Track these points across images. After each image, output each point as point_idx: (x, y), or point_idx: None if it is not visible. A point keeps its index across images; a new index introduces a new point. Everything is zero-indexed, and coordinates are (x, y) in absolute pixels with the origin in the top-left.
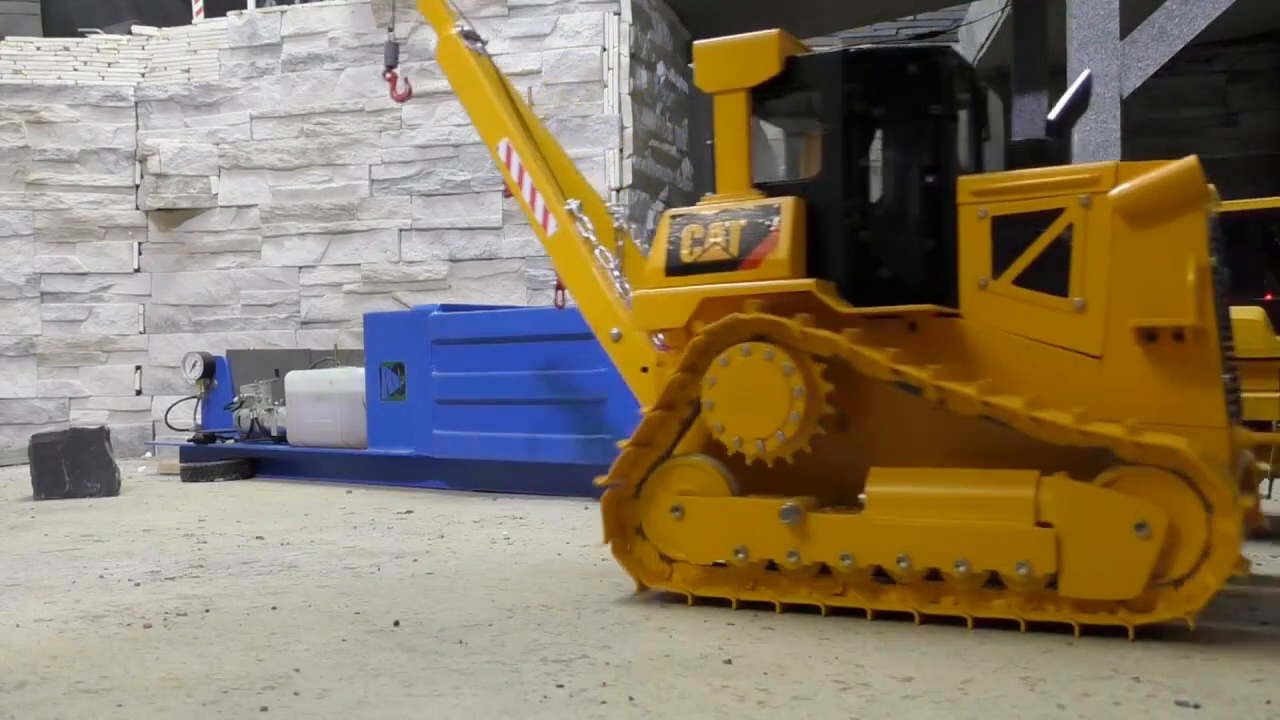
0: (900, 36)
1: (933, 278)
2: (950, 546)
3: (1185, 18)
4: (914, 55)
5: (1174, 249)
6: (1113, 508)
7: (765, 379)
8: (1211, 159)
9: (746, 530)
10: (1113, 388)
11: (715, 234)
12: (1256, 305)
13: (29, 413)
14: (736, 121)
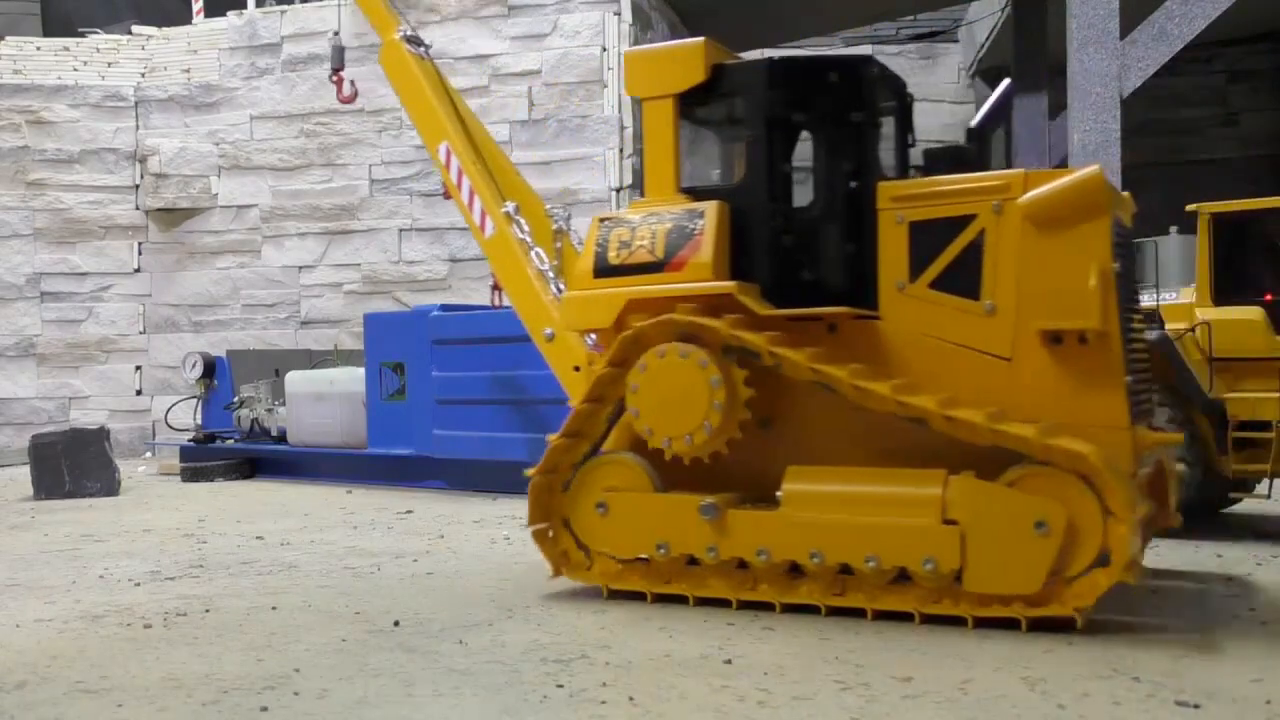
0: (900, 36)
1: (852, 281)
2: (861, 543)
3: (1185, 18)
4: (835, 64)
5: (1078, 254)
6: (1014, 506)
7: (686, 378)
8: (1211, 159)
9: (668, 526)
10: (1021, 389)
11: (642, 237)
12: (1256, 305)
13: (29, 413)
14: (664, 127)
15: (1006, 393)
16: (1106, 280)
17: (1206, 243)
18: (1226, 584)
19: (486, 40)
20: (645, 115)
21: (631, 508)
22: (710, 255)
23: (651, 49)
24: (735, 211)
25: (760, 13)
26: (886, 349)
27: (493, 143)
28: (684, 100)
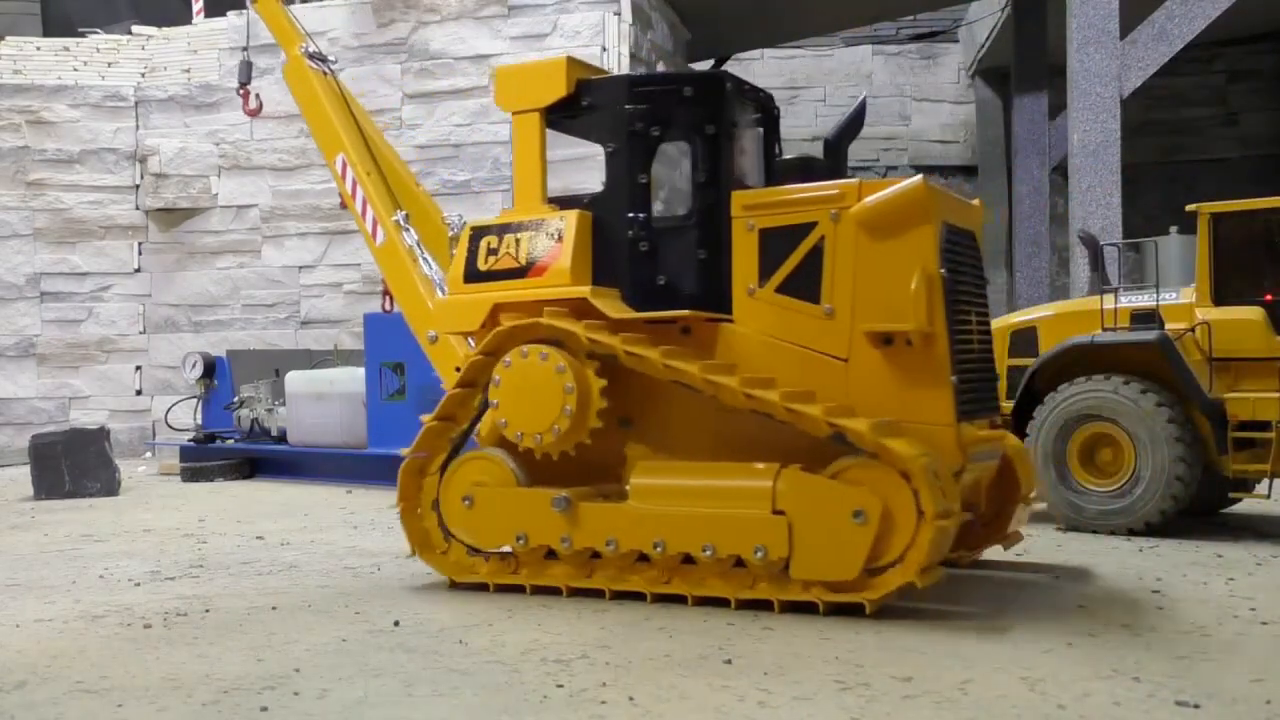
0: (900, 36)
1: (706, 286)
2: (699, 533)
3: (1185, 18)
4: (691, 80)
5: (903, 260)
6: (835, 497)
7: (543, 380)
8: (1211, 159)
9: (526, 518)
10: (857, 388)
11: (508, 245)
12: (1256, 305)
13: (29, 413)
14: (531, 140)
15: (844, 391)
16: (931, 284)
17: (1206, 243)
18: (1227, 583)
19: (486, 40)
20: (514, 128)
21: (494, 502)
22: (569, 262)
23: (518, 65)
24: (597, 220)
25: (760, 12)
26: (738, 350)
27: (394, 156)
28: (550, 114)
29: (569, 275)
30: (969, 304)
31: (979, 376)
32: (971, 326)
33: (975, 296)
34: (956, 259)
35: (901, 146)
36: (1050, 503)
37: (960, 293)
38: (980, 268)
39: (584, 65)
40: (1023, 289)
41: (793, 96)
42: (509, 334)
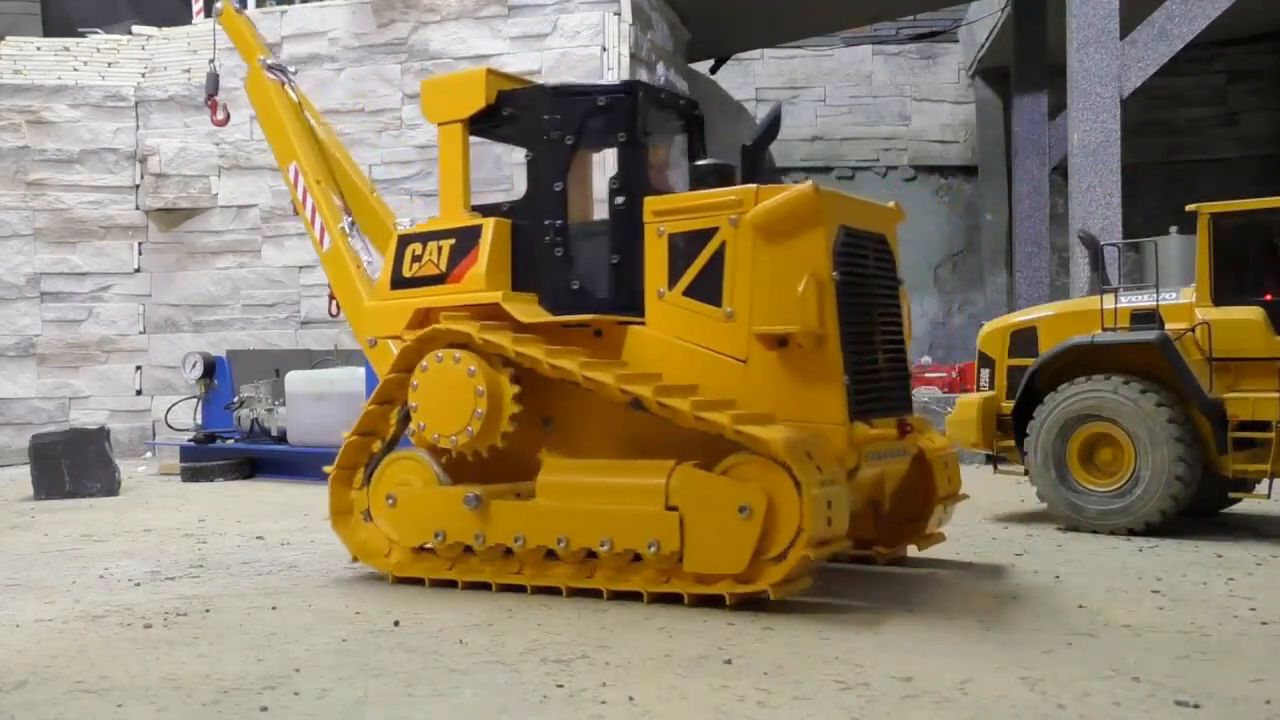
0: (900, 36)
1: (618, 290)
2: (598, 528)
3: (1185, 18)
4: (604, 90)
5: (793, 263)
6: (722, 492)
7: (456, 383)
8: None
9: (444, 516)
10: (756, 388)
11: (430, 252)
12: (1256, 305)
13: (29, 413)
14: (454, 150)
15: (744, 392)
16: (822, 287)
17: (1206, 243)
18: (1227, 583)
19: (486, 40)
20: (439, 139)
21: (415, 500)
22: (484, 268)
23: (442, 78)
24: (517, 227)
25: (760, 12)
26: (645, 352)
27: (350, 164)
28: (473, 123)
29: (484, 281)
30: (870, 306)
31: (885, 376)
32: (873, 327)
33: (882, 298)
34: (856, 262)
35: (901, 146)
36: (1050, 503)
37: (858, 295)
38: (891, 270)
39: (504, 76)
40: (1023, 289)
41: (793, 96)
42: (414, 351)
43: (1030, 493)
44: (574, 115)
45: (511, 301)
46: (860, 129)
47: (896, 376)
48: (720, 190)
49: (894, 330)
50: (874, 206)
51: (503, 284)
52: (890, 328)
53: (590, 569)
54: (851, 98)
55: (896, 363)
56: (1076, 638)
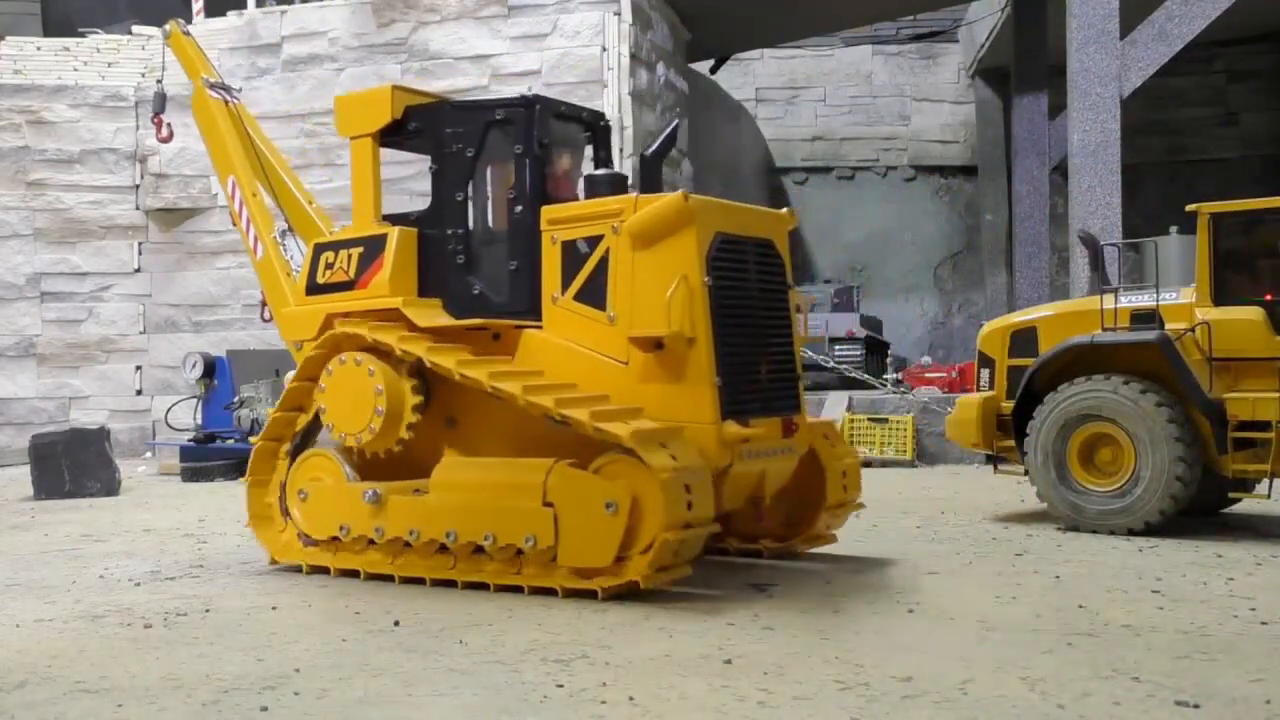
0: (900, 36)
1: (515, 295)
2: (483, 523)
3: (1185, 18)
4: (502, 104)
5: (665, 269)
6: (591, 489)
7: (358, 384)
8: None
9: (347, 511)
10: (635, 390)
11: (341, 260)
12: (1256, 305)
13: (29, 413)
14: (364, 162)
15: (626, 393)
16: (691, 291)
17: (1206, 243)
18: (1227, 583)
19: (486, 40)
20: (351, 152)
21: (323, 495)
22: (388, 275)
23: (353, 94)
24: (424, 235)
25: (760, 13)
26: (538, 354)
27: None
28: (383, 137)
29: (388, 287)
30: (750, 309)
31: (767, 377)
32: (753, 330)
33: (766, 302)
34: (733, 267)
35: (901, 146)
36: (1050, 503)
37: (734, 299)
38: (779, 274)
39: (411, 92)
40: (1023, 289)
41: (793, 96)
42: (317, 359)
43: (1030, 493)
44: (474, 128)
45: (411, 306)
46: (860, 129)
47: (782, 377)
48: (606, 199)
49: (781, 333)
50: (760, 213)
51: (406, 290)
52: (776, 330)
53: (480, 562)
54: (851, 98)
55: (782, 364)
56: (1076, 638)
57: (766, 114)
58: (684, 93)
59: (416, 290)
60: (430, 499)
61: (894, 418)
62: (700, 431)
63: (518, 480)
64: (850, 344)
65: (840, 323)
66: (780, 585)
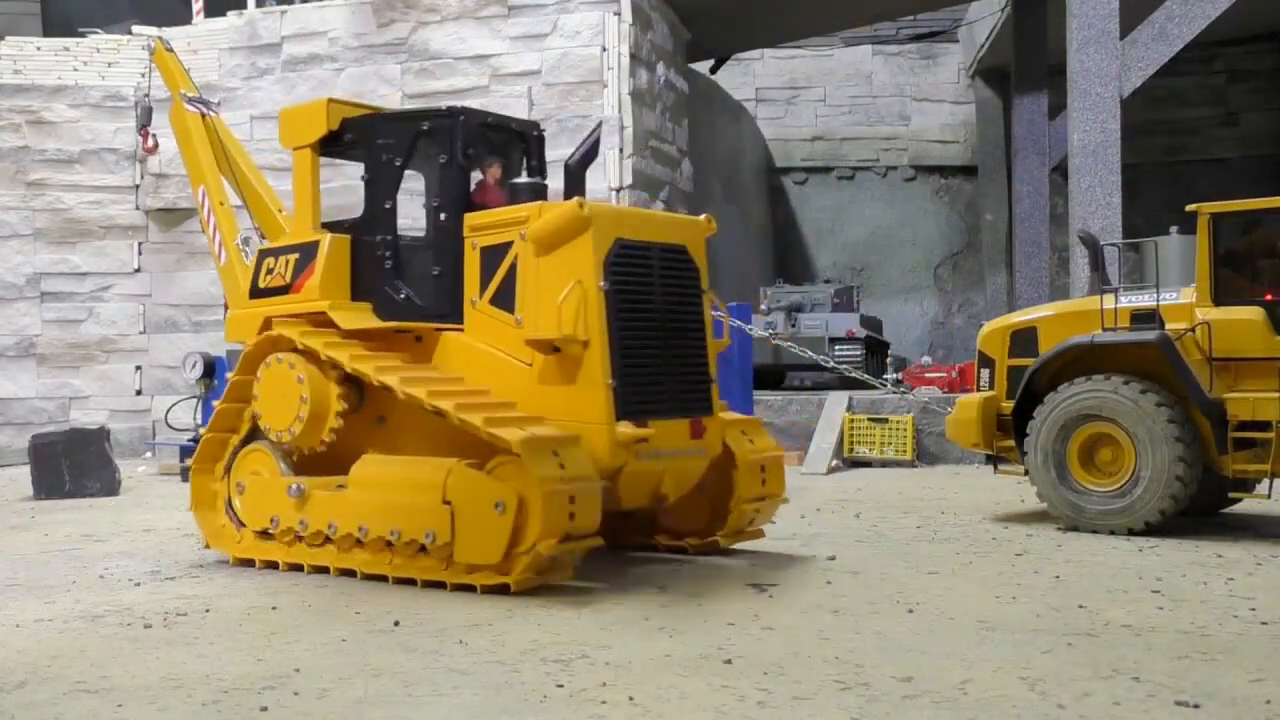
0: (900, 36)
1: (438, 299)
2: (390, 518)
3: (1185, 18)
4: (428, 115)
5: (561, 274)
6: (483, 489)
7: (286, 383)
8: (1211, 159)
9: (277, 504)
10: (539, 391)
11: (280, 265)
12: (1256, 305)
13: (29, 413)
14: (304, 172)
15: (529, 395)
16: (586, 296)
17: (1206, 243)
18: (1227, 583)
19: (486, 40)
20: (293, 163)
21: (257, 489)
22: (319, 280)
23: (295, 107)
24: (357, 242)
25: (760, 13)
26: (457, 357)
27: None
28: (323, 147)
29: (318, 291)
30: (652, 313)
31: (672, 379)
32: (656, 333)
33: (676, 305)
34: (633, 272)
35: (901, 146)
36: (1050, 503)
37: (634, 303)
38: (691, 278)
39: (346, 104)
40: (1023, 289)
41: (793, 96)
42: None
43: (1030, 493)
44: (403, 139)
45: (338, 310)
46: (860, 129)
47: (691, 379)
48: (516, 207)
49: (691, 336)
50: (672, 219)
51: (337, 294)
52: (686, 334)
53: (388, 556)
54: (851, 98)
55: (691, 366)
56: (1076, 638)
57: (766, 114)
58: (684, 93)
59: (349, 294)
60: (347, 494)
61: (894, 418)
62: (593, 432)
63: (421, 478)
64: (850, 344)
65: (840, 323)
66: (780, 585)
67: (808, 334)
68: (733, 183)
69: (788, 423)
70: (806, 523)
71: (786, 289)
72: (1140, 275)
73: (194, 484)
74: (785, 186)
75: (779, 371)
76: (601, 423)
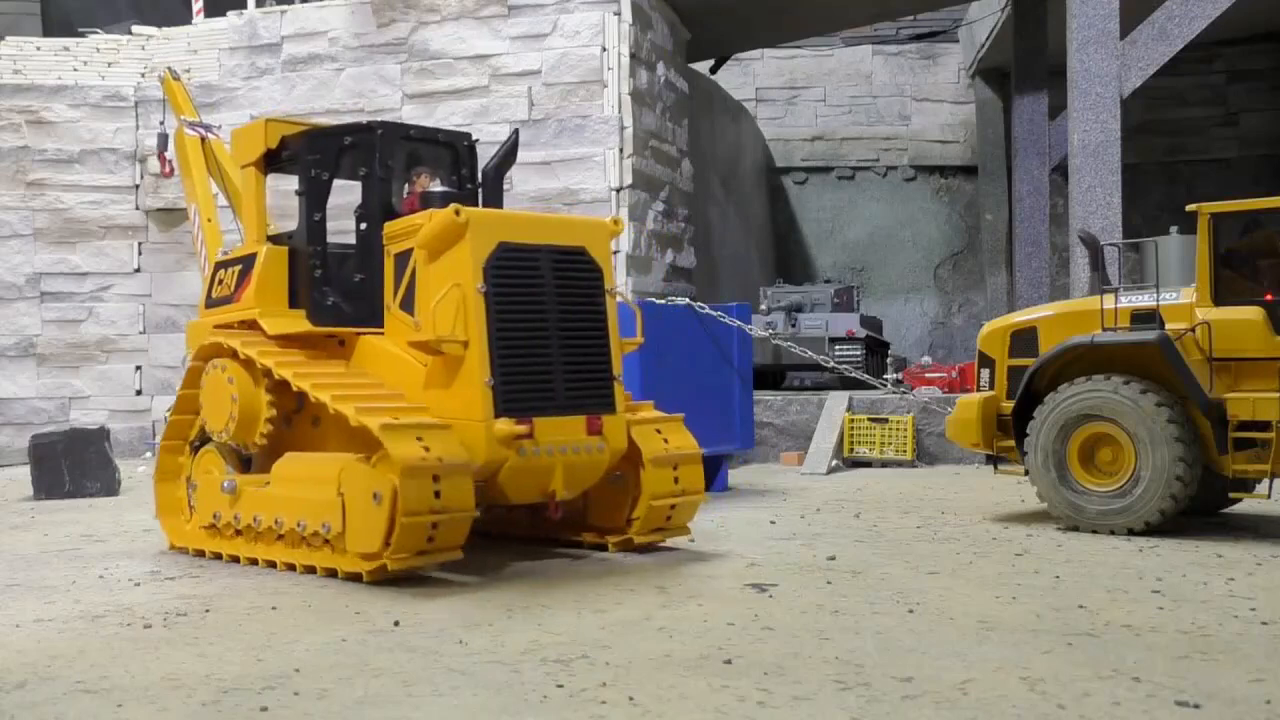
0: (900, 36)
1: (361, 305)
2: (297, 511)
3: (1185, 18)
4: (351, 130)
5: (441, 278)
6: (364, 480)
7: (221, 387)
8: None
9: (218, 500)
10: (430, 390)
11: (229, 276)
12: (1256, 305)
13: (29, 413)
14: (251, 188)
15: (424, 393)
16: (464, 298)
17: (1206, 243)
18: (1227, 583)
19: (486, 40)
20: (243, 179)
21: (207, 486)
22: (254, 290)
23: (245, 126)
24: (294, 252)
25: (759, 13)
26: (371, 358)
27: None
28: (268, 164)
29: (253, 300)
30: (539, 313)
31: (563, 378)
32: (544, 333)
33: (571, 305)
34: (517, 274)
35: (901, 146)
36: (1050, 503)
37: (517, 304)
38: (590, 279)
39: (284, 123)
40: (1023, 289)
41: (793, 96)
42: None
43: (1030, 493)
44: (330, 154)
45: (268, 317)
46: (860, 129)
47: (587, 376)
48: (418, 214)
49: (589, 336)
50: (566, 222)
51: (273, 302)
52: (583, 333)
53: (302, 547)
54: (851, 98)
55: (587, 364)
56: (1076, 638)
57: (766, 114)
58: (684, 93)
59: (287, 302)
60: (268, 490)
61: (894, 418)
62: (471, 429)
63: (321, 473)
64: (850, 344)
65: (840, 323)
66: (780, 585)
67: (808, 334)
68: (733, 183)
69: (788, 423)
70: (806, 523)
71: (786, 289)
72: (1140, 275)
73: (158, 492)
74: (785, 186)
75: (779, 371)
76: (479, 420)
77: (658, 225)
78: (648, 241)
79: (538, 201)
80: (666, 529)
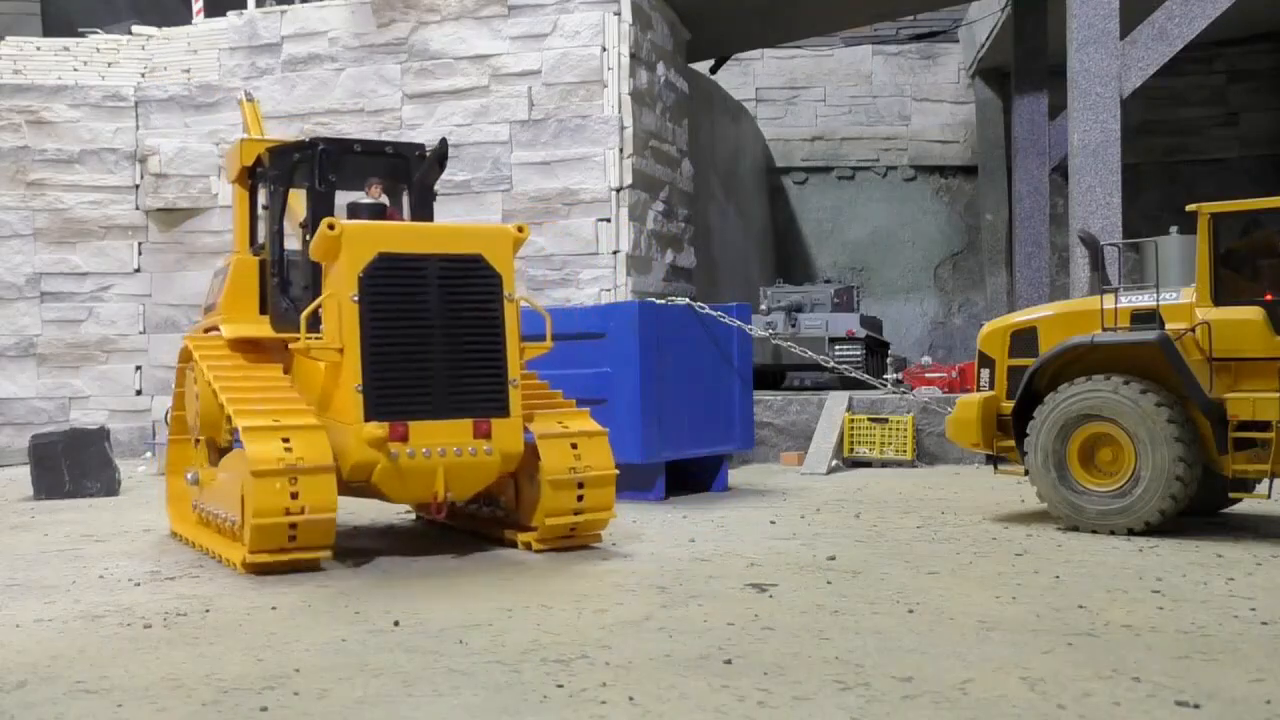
0: (900, 36)
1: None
2: (224, 505)
3: (1185, 18)
4: (297, 146)
5: (327, 288)
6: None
7: (189, 386)
8: (1211, 159)
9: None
10: (324, 395)
11: (213, 287)
12: (1256, 305)
13: (29, 413)
14: (237, 203)
15: (318, 397)
16: (341, 307)
17: (1206, 243)
18: (1227, 583)
19: (486, 40)
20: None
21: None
22: (224, 297)
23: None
24: (263, 262)
25: (760, 12)
26: (302, 365)
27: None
28: (250, 179)
29: (221, 309)
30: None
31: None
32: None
33: (459, 311)
34: (400, 283)
35: (901, 146)
36: (1050, 503)
37: (394, 312)
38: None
39: (259, 141)
40: (1023, 289)
41: (793, 96)
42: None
43: (1030, 493)
44: (283, 168)
45: (227, 323)
46: (860, 129)
47: (476, 381)
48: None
49: (480, 341)
50: (460, 231)
51: (240, 310)
52: (472, 338)
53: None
54: (851, 98)
55: (477, 369)
56: (1076, 638)
57: (766, 114)
58: (684, 93)
59: (258, 310)
60: (215, 483)
61: (894, 418)
62: (344, 431)
63: (238, 469)
64: (850, 344)
65: (840, 323)
66: (780, 585)
67: (808, 334)
68: (732, 183)
69: (788, 423)
70: (806, 523)
71: (786, 289)
72: (1140, 275)
73: (168, 481)
74: (785, 186)
75: (779, 371)
76: (351, 423)
77: (658, 225)
78: (648, 241)
79: (538, 201)
80: (578, 538)
